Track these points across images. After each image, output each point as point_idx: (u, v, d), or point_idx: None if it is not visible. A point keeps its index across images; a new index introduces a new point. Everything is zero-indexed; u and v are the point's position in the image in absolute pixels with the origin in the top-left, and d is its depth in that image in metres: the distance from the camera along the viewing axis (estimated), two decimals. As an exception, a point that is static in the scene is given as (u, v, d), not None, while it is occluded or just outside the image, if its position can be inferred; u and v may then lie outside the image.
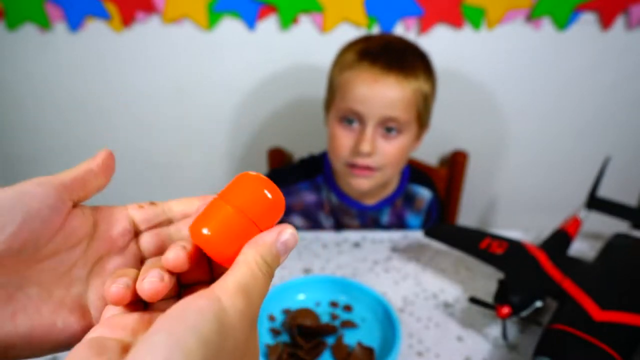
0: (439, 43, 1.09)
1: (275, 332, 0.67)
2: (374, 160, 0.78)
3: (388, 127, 0.77)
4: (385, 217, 0.93)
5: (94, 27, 1.08)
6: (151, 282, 0.24)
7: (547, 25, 1.07)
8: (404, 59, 0.77)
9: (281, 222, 0.31)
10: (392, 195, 0.93)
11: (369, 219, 0.93)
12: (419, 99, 0.78)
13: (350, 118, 0.78)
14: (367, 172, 0.79)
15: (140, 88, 1.17)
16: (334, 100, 0.80)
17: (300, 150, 1.12)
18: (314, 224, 0.94)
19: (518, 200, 1.34)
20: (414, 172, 0.97)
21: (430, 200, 0.96)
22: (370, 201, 0.92)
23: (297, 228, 0.87)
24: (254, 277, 0.24)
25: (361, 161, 0.78)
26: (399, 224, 0.95)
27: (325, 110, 0.87)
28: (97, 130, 1.24)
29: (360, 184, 0.81)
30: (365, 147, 0.75)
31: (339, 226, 0.94)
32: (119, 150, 1.29)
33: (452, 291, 0.76)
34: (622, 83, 1.15)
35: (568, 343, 0.55)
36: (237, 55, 1.13)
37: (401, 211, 0.94)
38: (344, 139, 0.77)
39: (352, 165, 0.79)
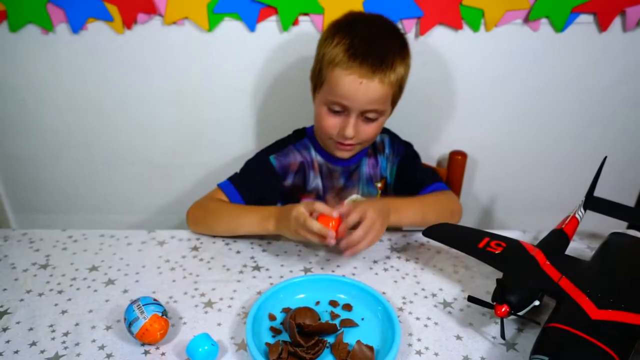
0: (438, 44, 1.10)
1: (275, 331, 0.67)
2: (356, 139, 0.91)
3: (368, 116, 0.88)
4: (365, 168, 1.03)
5: (96, 29, 1.09)
6: None
7: (545, 26, 1.08)
8: (386, 56, 0.84)
9: (279, 182, 0.98)
10: (366, 147, 1.01)
11: (352, 174, 1.02)
12: (395, 88, 0.88)
13: (337, 109, 0.88)
14: (350, 147, 0.93)
15: (141, 89, 1.18)
16: (322, 86, 0.89)
17: (300, 150, 1.12)
18: (303, 182, 1.01)
19: (517, 200, 1.35)
20: None
21: (389, 141, 1.03)
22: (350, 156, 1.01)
23: (289, 186, 1.01)
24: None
25: (346, 141, 0.90)
26: (378, 171, 1.03)
27: (312, 85, 0.94)
28: (98, 131, 1.24)
29: (343, 155, 0.96)
30: (350, 132, 0.88)
31: (324, 188, 1.02)
32: (120, 150, 1.30)
33: (450, 290, 0.77)
34: (620, 84, 1.16)
35: (565, 342, 0.56)
36: (237, 56, 1.13)
37: (374, 158, 1.03)
38: (331, 121, 0.90)
39: (337, 142, 0.92)
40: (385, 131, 1.04)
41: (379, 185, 1.03)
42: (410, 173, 1.02)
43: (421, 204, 0.92)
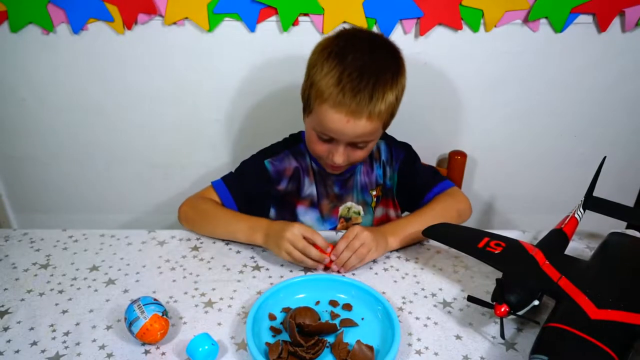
0: (438, 44, 1.10)
1: (275, 331, 0.67)
2: (346, 161, 0.90)
3: (358, 145, 0.88)
4: (359, 176, 1.01)
5: (96, 29, 1.09)
6: None
7: (544, 27, 1.08)
8: (376, 88, 0.81)
9: (272, 187, 0.99)
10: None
11: (347, 182, 1.00)
12: (385, 116, 0.86)
13: (325, 138, 0.88)
14: (340, 168, 0.94)
15: (141, 89, 1.18)
16: (311, 114, 0.87)
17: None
18: (298, 188, 1.00)
19: (516, 200, 1.35)
20: None
21: (385, 147, 1.02)
22: None
23: (283, 191, 0.99)
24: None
25: (335, 164, 0.90)
26: (373, 178, 1.02)
27: (302, 106, 0.91)
28: (98, 131, 1.24)
29: (334, 172, 0.98)
30: (339, 160, 0.88)
31: (319, 195, 1.00)
32: (120, 150, 1.30)
33: (450, 290, 0.77)
34: (619, 84, 1.16)
35: (565, 341, 0.56)
36: (237, 56, 1.13)
37: (369, 166, 1.01)
38: (321, 147, 0.90)
39: (328, 162, 0.92)
40: (386, 137, 1.02)
41: (374, 193, 1.02)
42: (412, 178, 1.01)
43: (423, 217, 0.89)
